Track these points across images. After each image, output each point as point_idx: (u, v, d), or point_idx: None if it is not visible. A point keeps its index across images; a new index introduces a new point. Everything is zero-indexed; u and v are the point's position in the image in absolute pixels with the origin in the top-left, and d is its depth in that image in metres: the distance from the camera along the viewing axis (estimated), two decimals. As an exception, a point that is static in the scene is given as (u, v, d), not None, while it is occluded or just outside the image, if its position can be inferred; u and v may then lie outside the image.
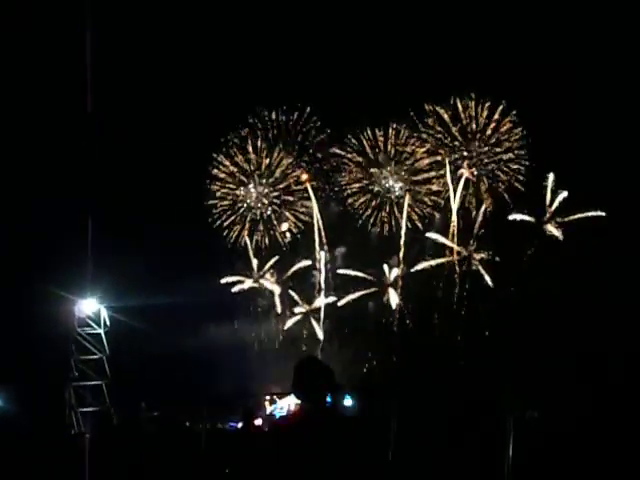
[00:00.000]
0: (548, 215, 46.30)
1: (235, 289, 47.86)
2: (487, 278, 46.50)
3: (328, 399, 7.53)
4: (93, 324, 45.07)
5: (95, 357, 44.74)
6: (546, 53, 43.37)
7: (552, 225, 46.05)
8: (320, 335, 47.73)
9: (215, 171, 48.80)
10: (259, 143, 48.95)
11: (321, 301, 48.28)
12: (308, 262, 48.57)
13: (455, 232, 47.39)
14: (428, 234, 47.65)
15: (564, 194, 46.02)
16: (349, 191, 48.89)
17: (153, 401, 43.36)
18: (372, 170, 48.58)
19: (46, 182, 43.14)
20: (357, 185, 48.78)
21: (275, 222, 49.09)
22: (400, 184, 48.37)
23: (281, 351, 47.10)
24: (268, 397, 45.30)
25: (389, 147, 48.27)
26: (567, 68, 42.98)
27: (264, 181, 49.25)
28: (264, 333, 47.89)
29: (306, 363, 7.72)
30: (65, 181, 43.91)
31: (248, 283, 48.27)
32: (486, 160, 47.71)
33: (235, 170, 49.00)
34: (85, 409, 43.56)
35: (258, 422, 44.56)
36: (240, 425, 43.32)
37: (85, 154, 43.53)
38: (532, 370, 36.31)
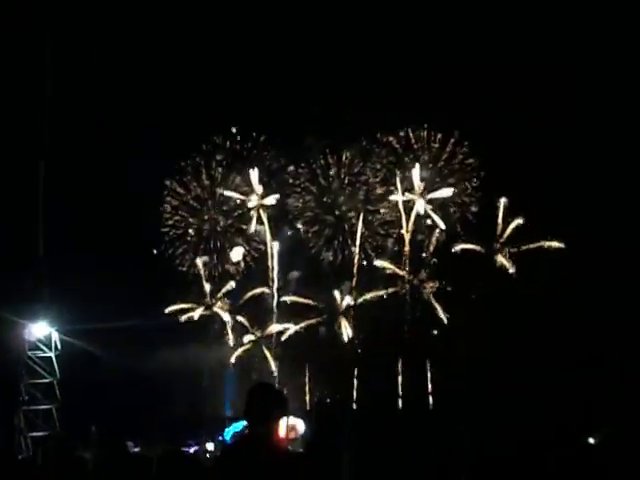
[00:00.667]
0: (498, 245, 46.52)
1: (183, 318, 47.85)
2: (438, 308, 46.71)
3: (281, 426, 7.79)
4: (44, 347, 44.75)
5: (45, 381, 44.40)
6: (497, 80, 44.10)
7: (502, 256, 46.26)
8: (272, 362, 47.76)
9: (168, 199, 48.88)
10: (213, 170, 49.13)
11: (273, 328, 48.39)
12: (261, 290, 48.65)
13: (407, 261, 47.72)
14: (377, 262, 47.84)
15: (518, 221, 46.14)
16: (302, 219, 49.15)
17: (104, 425, 43.09)
18: (325, 199, 48.95)
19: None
20: (309, 213, 49.10)
21: (228, 250, 49.14)
22: (353, 213, 48.73)
23: (233, 378, 47.26)
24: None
25: (342, 175, 48.70)
26: (520, 93, 43.64)
27: (217, 209, 49.39)
28: (216, 360, 47.75)
29: (259, 389, 7.96)
30: (15, 199, 43.69)
31: (198, 312, 48.16)
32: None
33: (188, 198, 49.16)
34: (35, 434, 43.04)
35: (210, 446, 44.69)
36: (193, 450, 43.41)
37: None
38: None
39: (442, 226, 47.27)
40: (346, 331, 47.76)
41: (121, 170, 44.18)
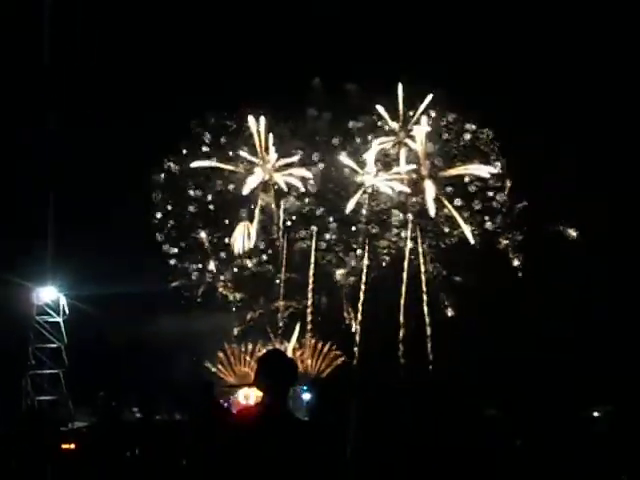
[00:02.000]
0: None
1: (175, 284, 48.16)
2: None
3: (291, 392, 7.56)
4: (52, 312, 44.70)
5: (53, 345, 44.39)
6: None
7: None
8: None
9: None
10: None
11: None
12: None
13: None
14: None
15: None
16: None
17: (111, 390, 43.10)
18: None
19: (3, 169, 42.62)
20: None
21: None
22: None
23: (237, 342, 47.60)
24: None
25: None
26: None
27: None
28: (217, 326, 47.91)
29: (272, 356, 7.74)
30: (22, 168, 43.40)
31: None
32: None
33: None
34: (42, 397, 43.08)
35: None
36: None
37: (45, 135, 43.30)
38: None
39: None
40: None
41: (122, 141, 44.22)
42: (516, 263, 46.96)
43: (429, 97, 47.72)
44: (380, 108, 48.52)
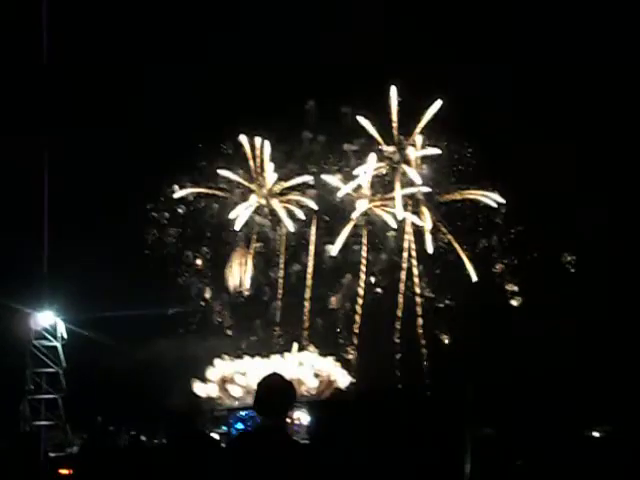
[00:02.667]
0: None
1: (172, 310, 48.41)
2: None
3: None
4: (49, 337, 44.62)
5: (51, 370, 44.28)
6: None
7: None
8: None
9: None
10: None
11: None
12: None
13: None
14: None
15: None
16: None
17: (109, 415, 43.07)
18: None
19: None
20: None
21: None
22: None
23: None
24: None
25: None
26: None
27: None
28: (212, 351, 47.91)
29: (270, 379, 7.74)
30: (21, 191, 43.45)
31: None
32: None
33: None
34: (40, 422, 42.92)
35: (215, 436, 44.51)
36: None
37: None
38: (489, 386, 36.65)
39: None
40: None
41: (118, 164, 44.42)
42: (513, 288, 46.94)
43: (430, 113, 47.81)
44: (372, 130, 48.54)
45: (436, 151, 48.27)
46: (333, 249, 48.52)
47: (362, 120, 48.23)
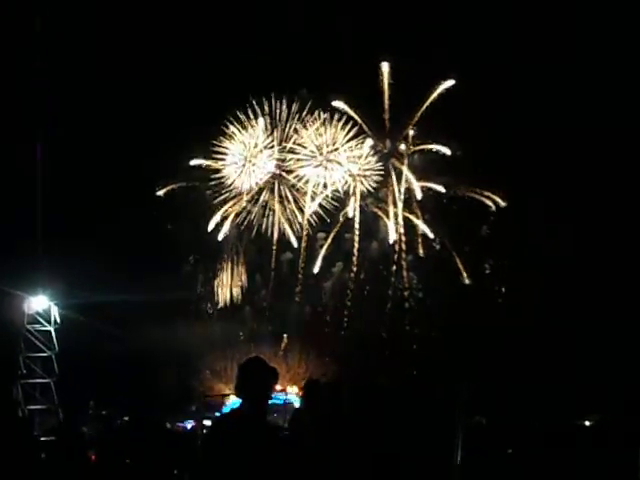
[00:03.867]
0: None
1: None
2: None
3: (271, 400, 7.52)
4: (43, 321, 44.57)
5: (44, 354, 44.26)
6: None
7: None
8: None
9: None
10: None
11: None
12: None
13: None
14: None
15: None
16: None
17: (101, 400, 43.14)
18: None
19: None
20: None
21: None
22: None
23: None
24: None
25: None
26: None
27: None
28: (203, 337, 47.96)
29: (251, 363, 7.68)
30: (15, 174, 43.22)
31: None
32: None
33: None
34: (32, 406, 42.91)
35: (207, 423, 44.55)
36: (190, 426, 43.27)
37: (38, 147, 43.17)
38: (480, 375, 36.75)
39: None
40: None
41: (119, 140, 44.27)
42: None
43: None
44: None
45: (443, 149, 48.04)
46: (315, 266, 48.64)
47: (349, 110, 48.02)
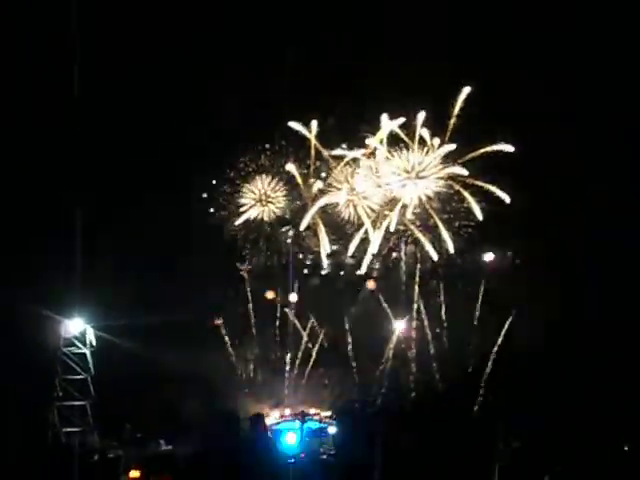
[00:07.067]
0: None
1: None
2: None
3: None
4: (79, 344, 44.77)
5: (80, 377, 44.39)
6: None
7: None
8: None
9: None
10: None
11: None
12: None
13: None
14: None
15: None
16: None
17: (138, 422, 43.18)
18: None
19: (33, 197, 42.82)
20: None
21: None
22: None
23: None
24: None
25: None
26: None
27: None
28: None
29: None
30: (51, 197, 43.55)
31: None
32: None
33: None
34: (69, 429, 43.03)
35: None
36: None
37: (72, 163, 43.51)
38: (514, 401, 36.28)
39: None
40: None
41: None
42: None
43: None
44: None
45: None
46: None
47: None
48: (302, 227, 49.36)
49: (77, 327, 44.94)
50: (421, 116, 47.09)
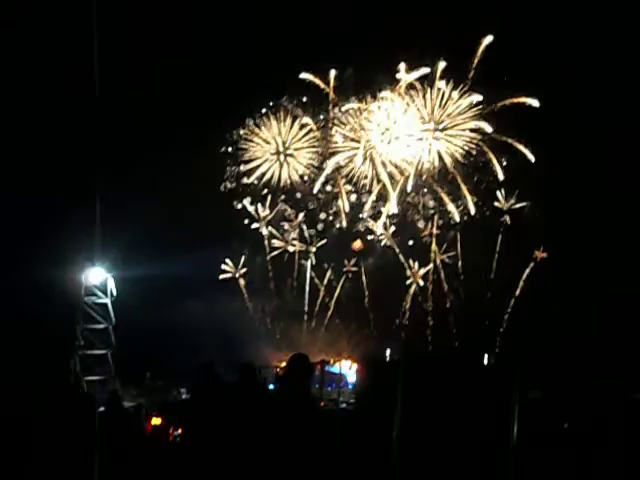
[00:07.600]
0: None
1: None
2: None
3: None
4: (100, 293, 45.31)
5: (101, 326, 45.04)
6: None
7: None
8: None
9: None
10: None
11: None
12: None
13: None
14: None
15: None
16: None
17: (157, 371, 43.75)
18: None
19: (53, 148, 42.84)
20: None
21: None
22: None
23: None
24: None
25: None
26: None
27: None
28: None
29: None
30: (73, 147, 43.58)
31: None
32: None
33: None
34: (90, 377, 43.72)
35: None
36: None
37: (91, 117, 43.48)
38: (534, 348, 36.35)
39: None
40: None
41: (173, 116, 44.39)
42: None
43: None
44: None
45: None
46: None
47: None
48: (318, 184, 49.61)
49: (98, 276, 45.47)
50: (441, 65, 47.03)
